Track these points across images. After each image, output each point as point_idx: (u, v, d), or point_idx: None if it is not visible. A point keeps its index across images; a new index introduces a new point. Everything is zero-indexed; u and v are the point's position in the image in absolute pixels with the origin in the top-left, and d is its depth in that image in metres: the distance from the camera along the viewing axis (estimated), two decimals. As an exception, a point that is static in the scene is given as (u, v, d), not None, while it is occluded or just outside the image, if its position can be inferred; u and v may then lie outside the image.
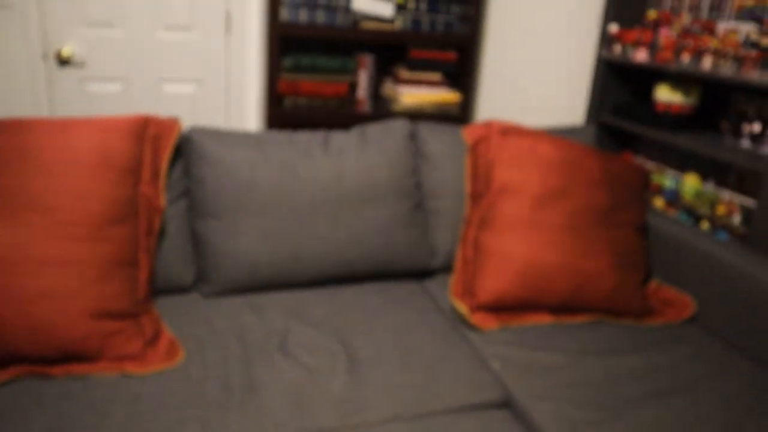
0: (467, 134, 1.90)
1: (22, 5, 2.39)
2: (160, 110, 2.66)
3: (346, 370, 1.39)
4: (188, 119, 2.71)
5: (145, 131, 1.60)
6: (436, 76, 2.68)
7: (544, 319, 1.62)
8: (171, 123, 1.67)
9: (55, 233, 1.37)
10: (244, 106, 2.77)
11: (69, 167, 1.43)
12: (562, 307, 1.63)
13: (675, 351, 1.55)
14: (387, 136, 1.86)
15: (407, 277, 1.86)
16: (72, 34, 2.47)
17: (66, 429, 1.18)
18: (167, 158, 1.64)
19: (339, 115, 2.56)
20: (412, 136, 1.90)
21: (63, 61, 2.46)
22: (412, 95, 2.64)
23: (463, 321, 1.64)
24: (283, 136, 1.81)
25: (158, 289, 1.65)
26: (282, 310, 1.63)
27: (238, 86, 2.73)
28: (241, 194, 1.69)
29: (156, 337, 1.45)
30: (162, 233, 1.66)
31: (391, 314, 1.63)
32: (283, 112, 2.52)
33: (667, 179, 2.15)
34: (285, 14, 2.43)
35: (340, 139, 1.83)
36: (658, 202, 2.17)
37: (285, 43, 2.64)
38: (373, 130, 1.88)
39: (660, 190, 2.18)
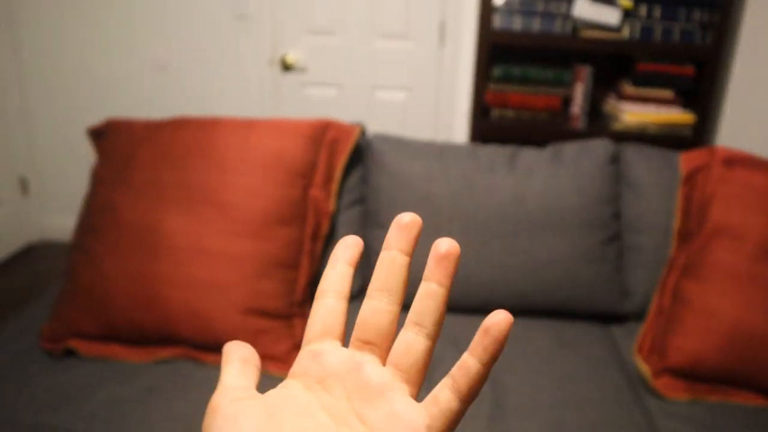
0: (684, 161, 1.60)
1: (258, 15, 2.60)
2: (371, 116, 2.71)
3: (488, 416, 1.23)
4: (397, 127, 2.72)
5: (324, 135, 1.60)
6: (667, 93, 2.34)
7: (752, 401, 1.28)
8: (350, 128, 1.65)
9: (224, 228, 1.43)
10: (453, 116, 2.70)
11: (244, 166, 1.48)
12: (780, 390, 1.28)
13: None
14: (584, 156, 1.64)
15: (590, 320, 1.62)
16: (297, 41, 2.63)
17: (200, 413, 1.20)
18: (342, 164, 1.63)
19: (549, 131, 2.36)
20: (615, 159, 1.66)
21: (287, 67, 2.63)
22: (636, 114, 2.33)
23: (645, 383, 1.37)
24: (467, 149, 1.69)
25: (322, 293, 1.64)
26: (440, 334, 1.51)
27: (448, 96, 2.67)
28: (414, 207, 1.61)
29: (305, 342, 1.43)
30: (333, 239, 1.65)
31: (558, 359, 1.43)
32: (489, 124, 2.40)
33: None
34: (498, 22, 2.31)
35: (529, 156, 1.67)
36: None
37: (496, 53, 2.52)
38: (570, 149, 1.67)
39: None
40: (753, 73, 2.26)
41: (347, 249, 0.34)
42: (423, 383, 0.32)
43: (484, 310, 1.61)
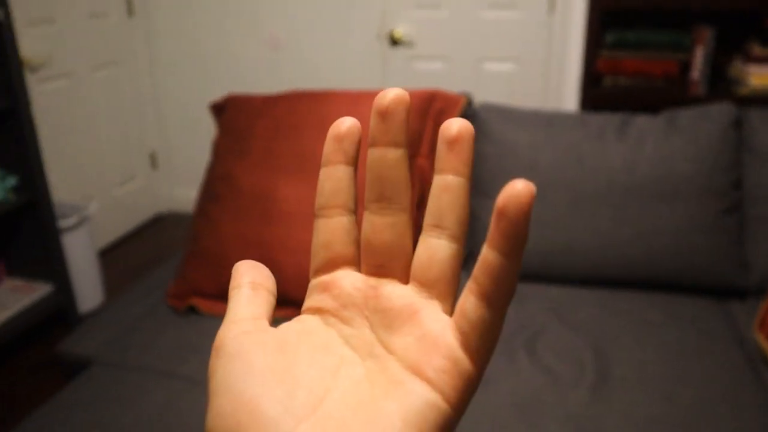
0: (818, 125, 1.47)
1: (367, -10, 2.65)
2: (479, 88, 2.69)
3: (590, 386, 1.22)
4: (505, 99, 2.68)
5: (431, 106, 1.62)
6: (803, 53, 2.15)
7: None
8: (457, 98, 1.66)
9: (334, 195, 1.49)
10: (563, 87, 2.62)
11: (353, 136, 1.53)
12: None
13: None
14: (702, 122, 1.55)
15: (705, 294, 1.54)
16: (404, 16, 2.64)
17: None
18: (447, 133, 1.63)
19: (665, 99, 2.24)
20: (737, 124, 1.56)
21: (395, 41, 2.66)
22: (765, 76, 2.16)
23: (765, 361, 1.30)
24: (575, 118, 1.65)
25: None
26: (544, 304, 1.50)
27: (558, 66, 2.60)
28: (520, 176, 1.60)
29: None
30: (437, 207, 1.67)
31: (669, 333, 1.38)
32: (601, 92, 2.31)
33: None
34: (613, -15, 2.21)
35: (642, 123, 1.60)
36: None
37: (610, 17, 2.41)
38: (686, 114, 1.59)
39: None
40: None
41: (341, 141, 0.26)
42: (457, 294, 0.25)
43: (590, 282, 1.58)
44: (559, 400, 1.19)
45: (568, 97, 2.62)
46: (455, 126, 0.24)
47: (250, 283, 0.27)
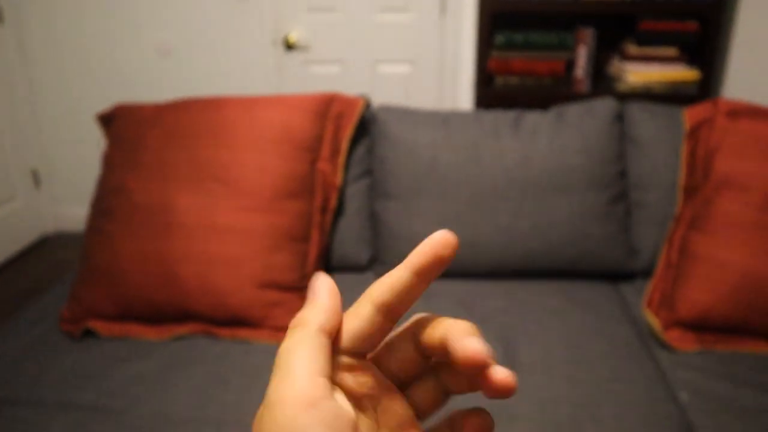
0: (687, 115, 1.59)
1: (257, -5, 2.61)
2: (375, 90, 2.71)
3: (500, 374, 1.25)
4: (402, 100, 2.72)
5: (329, 109, 1.61)
6: (671, 50, 2.32)
7: (761, 348, 1.29)
8: (355, 101, 1.66)
9: (235, 204, 1.45)
10: (457, 87, 2.70)
11: (253, 142, 1.50)
12: (789, 336, 1.29)
13: None
14: (588, 116, 1.64)
15: (599, 279, 1.63)
16: (298, 20, 2.63)
17: (218, 386, 1.24)
18: (348, 136, 1.64)
19: (553, 96, 2.36)
20: (619, 118, 1.66)
21: (289, 46, 2.63)
22: (641, 73, 2.32)
23: (655, 337, 1.39)
24: (471, 116, 1.70)
25: (334, 266, 1.67)
26: (450, 299, 1.53)
27: (451, 66, 2.66)
28: (420, 176, 1.62)
29: (318, 312, 1.46)
30: (342, 212, 1.67)
31: (569, 318, 1.44)
32: (493, 92, 2.39)
33: None
34: (498, -12, 2.29)
35: (533, 119, 1.67)
36: None
37: (499, 20, 2.50)
38: (574, 110, 1.67)
39: None
40: (757, 25, 2.24)
41: (441, 263, 0.27)
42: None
43: (494, 275, 1.63)
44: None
45: (462, 96, 2.70)
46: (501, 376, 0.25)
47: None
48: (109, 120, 1.66)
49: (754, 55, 2.26)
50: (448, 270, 1.62)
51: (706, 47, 2.28)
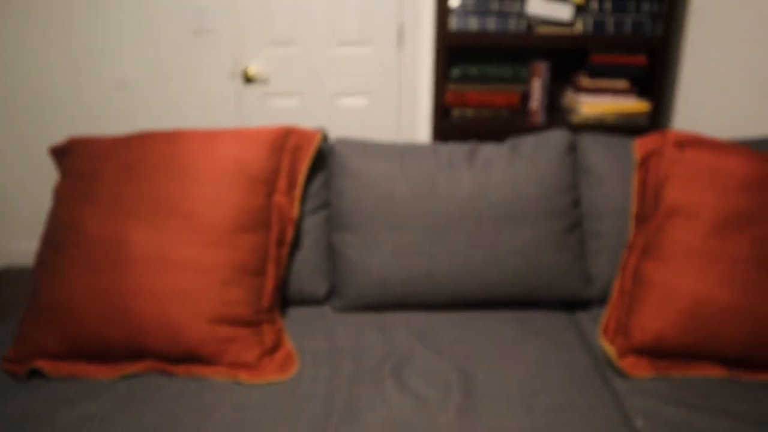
0: (638, 146, 1.64)
1: (218, 30, 2.61)
2: (334, 123, 2.73)
3: (458, 406, 1.25)
4: (360, 132, 2.74)
5: (286, 142, 1.61)
6: (622, 83, 2.40)
7: (714, 372, 1.31)
8: (312, 134, 1.67)
9: (189, 238, 1.43)
10: (415, 119, 2.73)
11: (207, 175, 1.48)
12: (738, 360, 1.31)
13: None
14: (542, 148, 1.67)
15: (555, 307, 1.65)
16: (257, 53, 2.64)
17: (170, 427, 1.20)
18: (305, 169, 1.64)
19: (509, 128, 2.40)
20: (572, 148, 1.69)
21: (248, 79, 2.64)
22: (593, 105, 2.38)
23: (611, 364, 1.40)
24: (427, 148, 1.71)
25: (291, 299, 1.65)
26: (408, 331, 1.53)
27: (409, 99, 2.70)
28: (377, 208, 1.63)
29: (275, 347, 1.44)
30: (299, 245, 1.66)
31: (526, 347, 1.45)
32: (450, 124, 2.43)
33: None
34: (454, 23, 2.35)
35: (488, 151, 1.69)
36: None
37: (455, 53, 2.56)
38: (528, 141, 1.71)
39: None
40: (702, 58, 2.33)
41: None
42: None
43: (452, 306, 1.63)
44: (428, 422, 1.20)
45: (420, 128, 2.73)
46: None
47: None
48: (62, 153, 1.63)
49: (700, 86, 2.35)
50: (405, 302, 1.62)
51: (654, 80, 2.36)
